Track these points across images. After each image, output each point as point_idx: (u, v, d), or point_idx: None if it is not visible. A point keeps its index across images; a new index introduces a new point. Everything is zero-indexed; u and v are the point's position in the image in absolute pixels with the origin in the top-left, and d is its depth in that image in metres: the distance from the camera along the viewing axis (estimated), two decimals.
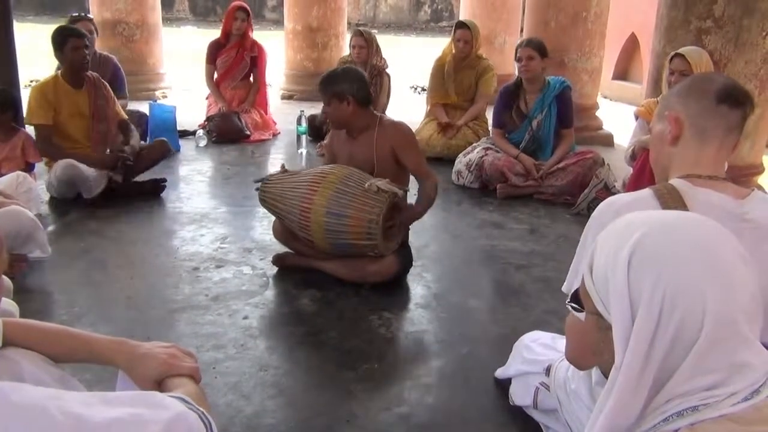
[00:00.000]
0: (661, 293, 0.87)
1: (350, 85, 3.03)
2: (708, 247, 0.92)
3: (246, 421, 2.07)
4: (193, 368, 1.27)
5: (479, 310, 2.94)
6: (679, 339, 0.87)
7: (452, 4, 22.13)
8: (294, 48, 8.58)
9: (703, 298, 0.87)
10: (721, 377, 0.86)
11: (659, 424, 0.87)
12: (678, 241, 0.91)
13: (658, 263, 0.89)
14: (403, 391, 2.26)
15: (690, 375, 0.87)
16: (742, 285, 0.90)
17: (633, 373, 0.89)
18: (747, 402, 0.85)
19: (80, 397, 0.93)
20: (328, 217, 2.89)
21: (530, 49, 4.58)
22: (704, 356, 0.86)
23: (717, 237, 0.95)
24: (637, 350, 0.88)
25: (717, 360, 0.86)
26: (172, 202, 4.26)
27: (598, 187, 4.34)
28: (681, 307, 0.87)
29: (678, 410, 0.86)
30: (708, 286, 0.87)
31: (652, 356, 0.88)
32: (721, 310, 0.86)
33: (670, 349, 0.87)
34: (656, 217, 0.97)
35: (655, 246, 0.91)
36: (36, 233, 3.08)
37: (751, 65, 3.97)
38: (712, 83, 1.56)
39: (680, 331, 0.87)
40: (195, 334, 2.59)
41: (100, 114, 4.28)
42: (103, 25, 7.56)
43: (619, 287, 0.91)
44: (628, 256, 0.91)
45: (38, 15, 19.34)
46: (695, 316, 0.86)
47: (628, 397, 0.89)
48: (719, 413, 0.84)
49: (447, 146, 5.38)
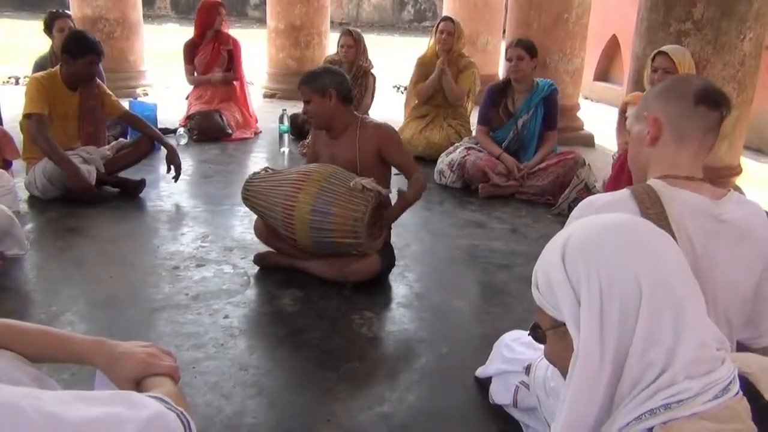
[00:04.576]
0: (596, 274, 0.97)
1: (332, 79, 3.03)
2: (625, 228, 1.02)
3: (226, 420, 2.06)
4: (172, 367, 1.26)
5: (461, 309, 2.95)
6: (625, 310, 0.94)
7: (435, 4, 22.18)
8: (277, 46, 8.55)
9: (634, 269, 0.95)
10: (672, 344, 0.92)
11: (632, 423, 0.90)
12: (598, 230, 1.03)
13: (586, 251, 0.99)
14: (384, 391, 2.26)
15: (644, 345, 0.93)
16: (665, 252, 0.99)
17: (591, 352, 0.96)
18: (718, 400, 0.88)
19: (56, 396, 0.91)
20: (313, 215, 2.88)
21: (520, 49, 4.59)
22: (651, 324, 0.93)
23: (633, 219, 1.05)
24: (590, 328, 0.95)
25: (663, 328, 0.92)
26: (152, 201, 4.22)
27: (578, 187, 4.37)
28: (617, 281, 0.95)
29: (650, 408, 0.90)
30: (634, 258, 0.96)
31: (605, 332, 0.95)
32: (652, 273, 0.95)
33: (619, 322, 0.94)
34: (578, 222, 1.07)
35: (579, 239, 1.02)
36: (13, 230, 3.05)
37: (730, 67, 4.01)
38: (690, 84, 1.58)
39: (623, 302, 0.94)
40: (175, 333, 2.58)
41: (89, 115, 4.25)
42: (83, 21, 7.50)
43: (561, 284, 1.00)
44: (561, 255, 1.02)
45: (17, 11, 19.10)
46: (632, 286, 0.94)
47: (591, 380, 0.96)
48: (691, 411, 0.88)
49: (429, 146, 5.40)
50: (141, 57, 8.32)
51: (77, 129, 4.24)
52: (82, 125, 4.24)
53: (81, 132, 4.25)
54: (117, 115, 4.46)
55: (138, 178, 4.33)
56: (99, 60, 4.14)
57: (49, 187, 4.00)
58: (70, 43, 4.05)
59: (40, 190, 4.03)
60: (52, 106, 4.05)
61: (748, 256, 1.52)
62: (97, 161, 4.19)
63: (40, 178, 4.00)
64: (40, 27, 5.42)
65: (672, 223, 1.46)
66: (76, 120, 4.21)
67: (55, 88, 4.07)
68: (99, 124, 4.34)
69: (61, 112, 4.11)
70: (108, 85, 4.67)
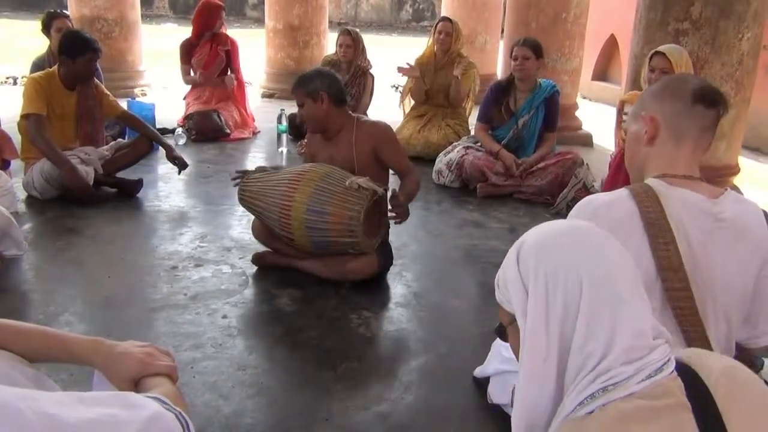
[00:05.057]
0: (543, 270, 1.05)
1: (322, 82, 3.03)
2: (576, 233, 1.10)
3: (224, 420, 2.06)
4: (170, 367, 1.26)
5: (459, 309, 2.95)
6: (567, 304, 1.02)
7: (434, 3, 22.17)
8: (275, 46, 8.54)
9: (577, 268, 1.03)
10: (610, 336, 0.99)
11: (577, 408, 0.99)
12: (552, 233, 1.11)
13: (537, 251, 1.08)
14: (382, 391, 2.26)
15: (585, 336, 1.00)
16: (609, 255, 1.06)
17: (536, 341, 1.04)
18: (651, 379, 0.95)
19: (54, 397, 0.91)
20: (309, 215, 2.88)
21: (526, 48, 4.58)
22: (592, 316, 1.00)
23: (587, 226, 1.13)
24: (536, 314, 1.05)
25: (602, 321, 1.00)
26: (150, 201, 4.22)
27: (577, 187, 4.38)
28: (561, 277, 1.03)
29: (590, 393, 0.98)
30: (579, 258, 1.05)
31: (550, 322, 1.03)
32: (594, 272, 1.03)
33: (562, 315, 1.02)
34: (536, 227, 1.16)
35: (534, 241, 1.11)
36: (11, 230, 3.04)
37: (728, 67, 4.01)
38: (687, 84, 1.59)
39: (566, 297, 1.02)
40: (173, 333, 2.57)
41: (87, 115, 4.24)
42: (81, 21, 7.49)
43: (514, 280, 1.10)
44: (516, 256, 1.12)
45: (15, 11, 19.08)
46: (574, 283, 1.02)
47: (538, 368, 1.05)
48: (627, 392, 0.95)
49: (427, 145, 5.39)
50: (139, 57, 8.31)
51: (75, 129, 4.23)
52: (80, 125, 4.23)
53: (79, 132, 4.25)
54: (115, 115, 4.46)
55: (135, 178, 4.33)
56: (98, 57, 4.13)
57: (47, 187, 4.00)
58: (68, 44, 4.04)
59: (38, 190, 4.03)
60: (50, 106, 4.04)
61: (746, 255, 1.52)
62: (95, 162, 4.18)
63: (38, 178, 3.99)
64: (38, 27, 5.41)
65: (670, 222, 1.47)
66: (74, 120, 4.21)
67: (52, 88, 4.06)
68: (97, 124, 4.34)
69: (59, 112, 4.11)
70: (106, 85, 4.67)
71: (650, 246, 1.47)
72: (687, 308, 1.47)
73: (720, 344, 1.53)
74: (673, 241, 1.45)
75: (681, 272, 1.45)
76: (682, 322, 1.48)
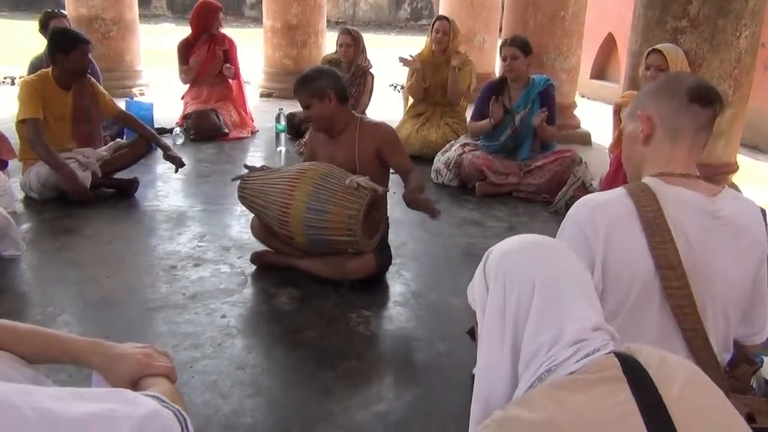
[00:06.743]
0: (502, 273, 1.19)
1: (327, 80, 3.01)
2: (537, 244, 1.22)
3: (224, 420, 2.06)
4: (169, 368, 1.26)
5: (458, 307, 2.94)
6: (520, 302, 1.14)
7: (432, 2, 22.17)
8: (273, 46, 8.54)
9: (531, 273, 1.16)
10: (558, 330, 1.10)
11: (528, 390, 1.09)
12: (516, 244, 1.24)
13: (500, 257, 1.22)
14: (382, 389, 2.27)
15: (536, 330, 1.12)
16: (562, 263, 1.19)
17: (493, 331, 1.17)
18: (588, 357, 1.05)
19: (52, 393, 0.91)
20: (308, 213, 2.88)
21: (514, 48, 4.58)
22: (542, 312, 1.12)
23: (550, 240, 1.25)
24: (494, 309, 1.17)
25: (553, 315, 1.12)
26: (149, 201, 4.22)
27: (575, 185, 4.38)
28: (517, 279, 1.16)
29: (538, 375, 1.09)
30: (534, 265, 1.17)
31: (506, 318, 1.15)
32: (546, 277, 1.15)
33: (516, 311, 1.14)
34: (507, 239, 1.28)
35: (500, 250, 1.24)
36: (9, 231, 3.04)
37: (726, 65, 4.01)
38: (682, 82, 1.58)
39: (521, 295, 1.14)
40: (172, 333, 2.57)
41: (84, 114, 4.23)
42: (78, 21, 7.49)
43: (479, 282, 1.25)
44: (483, 263, 1.26)
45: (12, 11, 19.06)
46: (528, 285, 1.14)
47: (494, 358, 1.16)
48: (568, 371, 1.05)
49: (426, 144, 5.40)
50: (137, 57, 8.31)
51: (72, 129, 4.21)
52: (77, 125, 4.22)
53: (76, 132, 4.23)
54: (112, 115, 4.45)
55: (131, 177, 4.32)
56: (90, 49, 4.11)
57: (44, 190, 4.00)
58: (58, 41, 4.03)
59: (36, 191, 4.03)
60: (47, 108, 4.03)
61: (744, 252, 1.52)
62: (94, 165, 4.15)
63: (35, 181, 3.99)
64: (35, 27, 5.41)
65: (668, 220, 1.46)
66: (71, 120, 4.19)
67: (47, 90, 4.05)
68: (94, 124, 4.33)
69: (56, 113, 4.09)
70: (104, 84, 4.67)
71: (648, 244, 1.47)
72: (686, 306, 1.47)
73: (718, 342, 1.53)
74: (671, 239, 1.45)
75: (679, 270, 1.45)
76: (681, 321, 1.48)
